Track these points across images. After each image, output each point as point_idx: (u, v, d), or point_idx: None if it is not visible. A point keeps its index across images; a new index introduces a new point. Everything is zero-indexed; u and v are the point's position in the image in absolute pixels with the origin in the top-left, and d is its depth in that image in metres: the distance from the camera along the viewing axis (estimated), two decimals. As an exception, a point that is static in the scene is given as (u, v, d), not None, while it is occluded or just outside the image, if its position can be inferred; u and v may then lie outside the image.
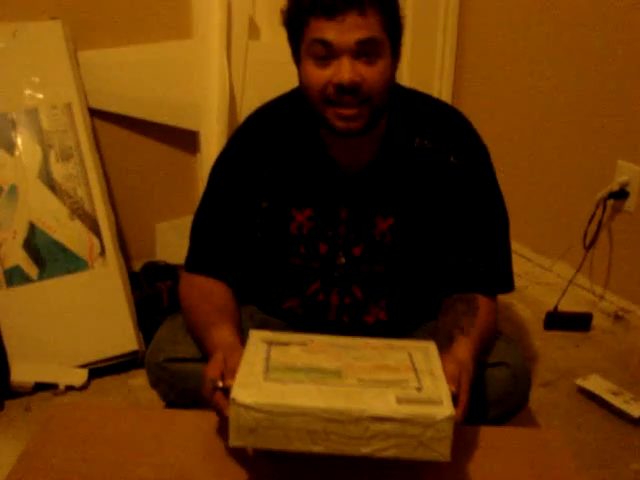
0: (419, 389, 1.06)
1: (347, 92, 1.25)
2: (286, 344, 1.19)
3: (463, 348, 1.25)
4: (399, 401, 1.02)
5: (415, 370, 1.12)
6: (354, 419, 1.00)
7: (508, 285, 1.48)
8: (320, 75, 1.26)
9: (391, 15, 1.27)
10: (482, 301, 1.39)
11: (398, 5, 1.30)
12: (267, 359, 1.12)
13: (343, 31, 1.22)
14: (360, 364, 1.13)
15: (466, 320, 1.33)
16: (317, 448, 1.01)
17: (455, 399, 1.09)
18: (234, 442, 1.01)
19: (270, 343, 1.18)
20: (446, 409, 1.01)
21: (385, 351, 1.18)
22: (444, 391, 1.06)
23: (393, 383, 1.07)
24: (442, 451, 1.01)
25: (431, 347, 1.20)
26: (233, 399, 1.00)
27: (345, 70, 1.23)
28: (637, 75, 2.14)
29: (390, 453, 1.01)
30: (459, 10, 2.64)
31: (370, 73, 1.25)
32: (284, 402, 1.00)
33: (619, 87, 2.20)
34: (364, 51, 1.24)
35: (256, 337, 1.21)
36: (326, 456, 1.02)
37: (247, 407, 0.99)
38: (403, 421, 1.00)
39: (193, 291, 1.45)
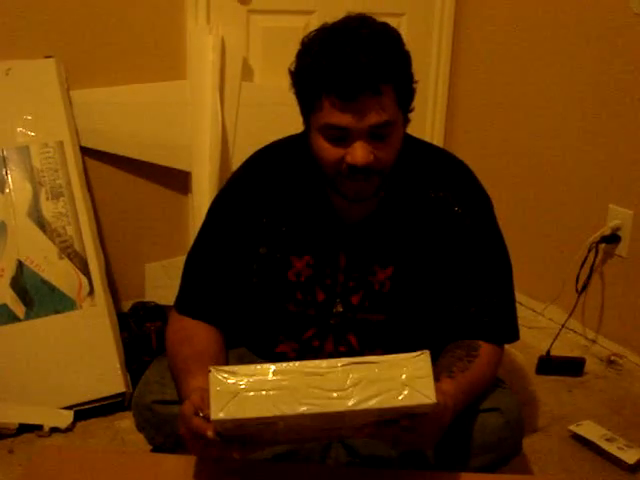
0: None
1: (360, 172, 1.26)
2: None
3: (446, 384, 1.22)
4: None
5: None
6: (334, 366, 0.99)
7: (513, 335, 1.46)
8: (333, 153, 1.27)
9: (405, 88, 1.27)
10: (484, 350, 1.37)
11: (411, 75, 1.30)
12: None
13: (358, 116, 1.21)
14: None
15: (459, 365, 1.31)
16: (302, 409, 0.98)
17: None
18: (216, 414, 0.98)
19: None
20: (422, 353, 1.02)
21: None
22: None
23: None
24: (426, 392, 1.00)
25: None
26: (211, 370, 0.99)
27: (359, 153, 1.24)
28: (630, 119, 2.16)
29: (374, 403, 0.99)
30: (452, 49, 2.69)
31: (383, 153, 1.26)
32: (263, 367, 0.99)
33: (611, 132, 2.22)
34: (378, 134, 1.24)
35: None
36: (312, 433, 1.02)
37: (228, 372, 0.98)
38: (382, 362, 1.00)
39: (177, 335, 1.42)
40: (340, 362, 1.03)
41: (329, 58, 1.20)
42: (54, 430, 1.86)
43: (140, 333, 2.13)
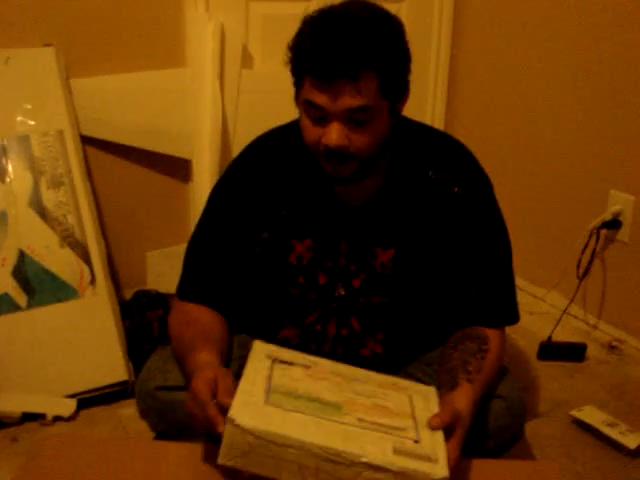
0: (417, 442, 1.05)
1: (334, 154, 1.26)
2: (289, 364, 1.17)
3: (464, 397, 1.22)
4: (396, 452, 1.01)
5: (414, 418, 1.10)
6: (348, 462, 0.98)
7: (514, 316, 1.47)
8: (313, 131, 1.28)
9: (392, 78, 1.26)
10: (493, 341, 1.37)
11: (403, 65, 1.29)
12: (269, 378, 1.10)
13: (334, 98, 1.22)
14: (361, 401, 1.11)
15: (474, 363, 1.31)
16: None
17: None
18: (223, 460, 1.00)
19: (273, 360, 1.17)
20: (441, 469, 1.01)
21: (386, 390, 1.17)
22: (441, 449, 1.05)
23: (391, 430, 1.06)
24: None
25: (431, 393, 1.20)
26: (232, 419, 0.98)
27: (332, 135, 1.24)
28: (629, 104, 2.15)
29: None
30: (452, 38, 2.68)
31: (359, 138, 1.26)
32: (283, 433, 0.98)
33: (612, 117, 2.21)
34: (355, 118, 1.24)
35: (260, 350, 1.19)
36: None
37: (244, 430, 0.98)
38: (397, 473, 0.99)
39: (180, 318, 1.43)
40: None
41: (314, 39, 1.22)
42: (57, 419, 1.86)
43: (142, 321, 2.13)
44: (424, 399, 1.17)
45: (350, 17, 1.22)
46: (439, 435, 1.08)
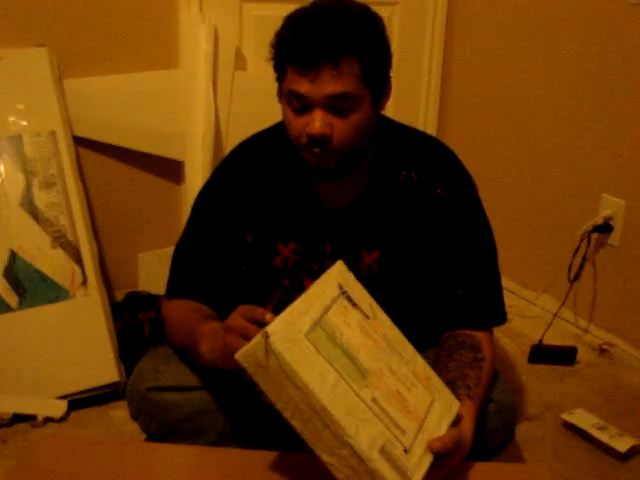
0: (406, 452, 1.04)
1: (317, 143, 1.26)
2: (354, 305, 1.16)
3: (468, 418, 1.21)
4: (382, 451, 1.01)
5: (421, 425, 1.10)
6: (336, 433, 0.99)
7: (501, 317, 1.47)
8: (296, 123, 1.29)
9: (373, 66, 1.27)
10: (485, 347, 1.37)
11: (384, 55, 1.30)
12: (326, 309, 1.09)
13: (316, 85, 1.23)
14: (388, 380, 1.10)
15: (473, 375, 1.30)
16: (293, 422, 1.01)
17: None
18: (240, 358, 1.01)
19: (342, 292, 1.15)
20: None
21: (417, 382, 1.16)
22: (420, 472, 1.05)
23: (394, 427, 1.05)
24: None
25: (453, 408, 1.19)
26: (267, 333, 0.98)
27: (316, 122, 1.25)
28: (622, 109, 2.16)
29: (341, 476, 1.01)
30: (445, 40, 2.68)
31: (342, 125, 1.26)
32: (300, 374, 0.98)
33: (604, 122, 2.22)
34: (337, 105, 1.25)
35: (336, 274, 1.18)
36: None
37: (270, 350, 0.98)
38: (368, 470, 1.00)
39: (178, 308, 1.44)
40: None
41: (294, 29, 1.24)
42: (48, 420, 1.85)
43: (134, 322, 2.12)
44: (442, 410, 1.16)
45: (330, 9, 1.24)
46: (429, 457, 1.08)
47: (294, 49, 1.23)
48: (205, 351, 1.25)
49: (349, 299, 1.16)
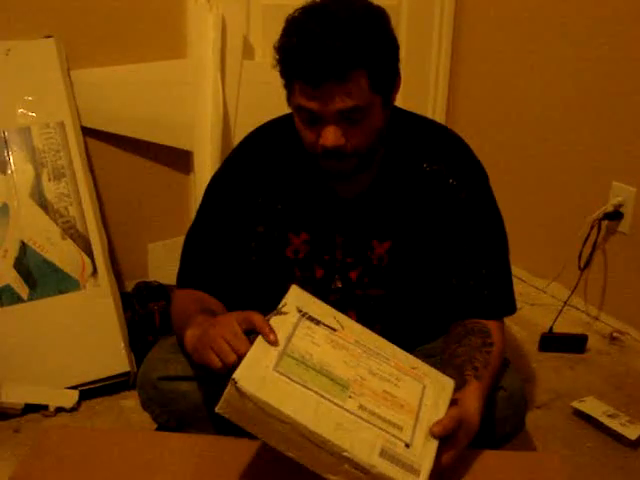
0: (408, 446, 1.04)
1: (332, 155, 1.26)
2: (317, 323, 1.16)
3: (473, 398, 1.21)
4: (382, 454, 1.01)
5: (417, 415, 1.09)
6: (332, 452, 0.99)
7: (511, 307, 1.46)
8: (308, 134, 1.29)
9: (381, 74, 1.25)
10: (495, 334, 1.37)
11: (392, 57, 1.28)
12: (289, 338, 1.10)
13: (325, 102, 1.22)
14: (371, 384, 1.10)
15: (480, 358, 1.30)
16: (290, 454, 1.01)
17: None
18: (219, 411, 1.01)
19: (302, 314, 1.16)
20: None
21: (403, 375, 1.16)
22: (428, 459, 1.04)
23: (388, 426, 1.05)
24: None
25: (447, 388, 1.18)
26: (235, 380, 0.99)
27: (329, 137, 1.25)
28: (632, 96, 2.15)
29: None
30: (453, 31, 2.66)
31: (355, 134, 1.26)
32: (279, 407, 0.99)
33: (615, 109, 2.21)
34: (348, 117, 1.24)
35: (293, 299, 1.18)
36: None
37: (243, 395, 0.99)
38: (374, 477, 0.99)
39: (185, 299, 1.43)
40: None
41: (299, 42, 1.21)
42: (59, 410, 1.87)
43: (144, 313, 2.13)
44: (437, 394, 1.15)
45: (333, 15, 1.21)
46: (432, 445, 1.07)
47: (300, 65, 1.21)
48: (188, 338, 1.26)
49: (311, 319, 1.16)
